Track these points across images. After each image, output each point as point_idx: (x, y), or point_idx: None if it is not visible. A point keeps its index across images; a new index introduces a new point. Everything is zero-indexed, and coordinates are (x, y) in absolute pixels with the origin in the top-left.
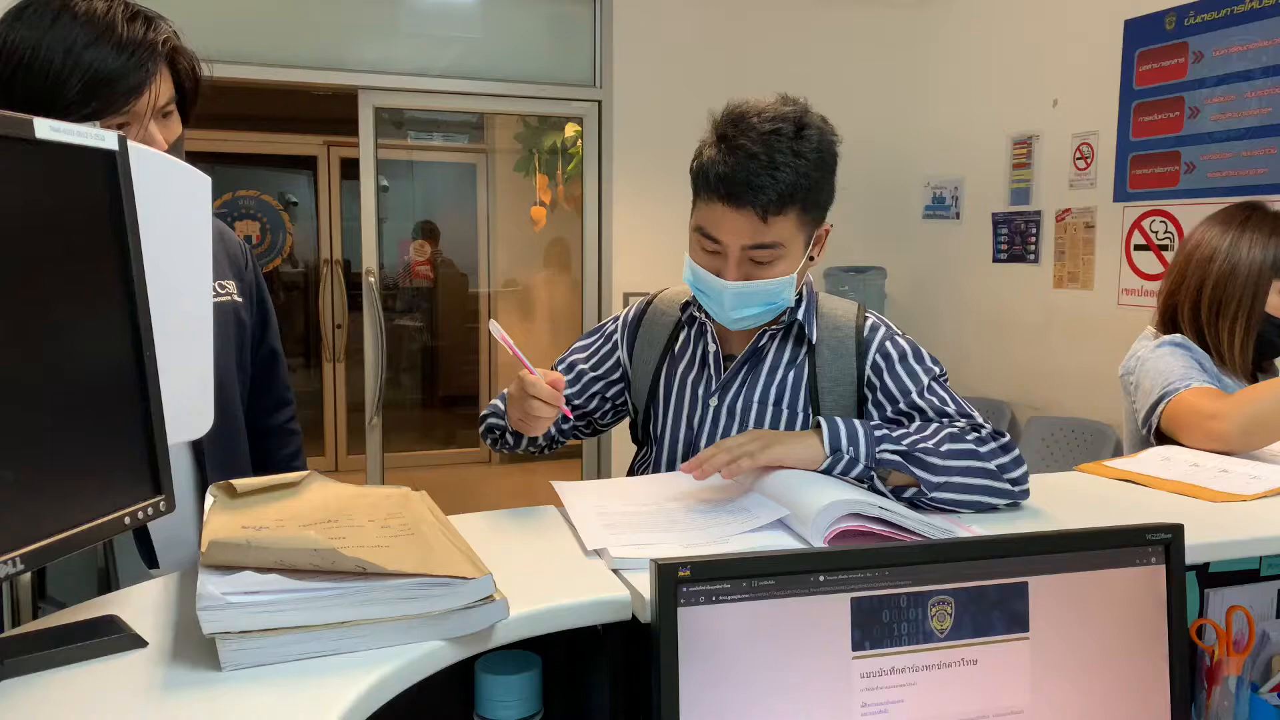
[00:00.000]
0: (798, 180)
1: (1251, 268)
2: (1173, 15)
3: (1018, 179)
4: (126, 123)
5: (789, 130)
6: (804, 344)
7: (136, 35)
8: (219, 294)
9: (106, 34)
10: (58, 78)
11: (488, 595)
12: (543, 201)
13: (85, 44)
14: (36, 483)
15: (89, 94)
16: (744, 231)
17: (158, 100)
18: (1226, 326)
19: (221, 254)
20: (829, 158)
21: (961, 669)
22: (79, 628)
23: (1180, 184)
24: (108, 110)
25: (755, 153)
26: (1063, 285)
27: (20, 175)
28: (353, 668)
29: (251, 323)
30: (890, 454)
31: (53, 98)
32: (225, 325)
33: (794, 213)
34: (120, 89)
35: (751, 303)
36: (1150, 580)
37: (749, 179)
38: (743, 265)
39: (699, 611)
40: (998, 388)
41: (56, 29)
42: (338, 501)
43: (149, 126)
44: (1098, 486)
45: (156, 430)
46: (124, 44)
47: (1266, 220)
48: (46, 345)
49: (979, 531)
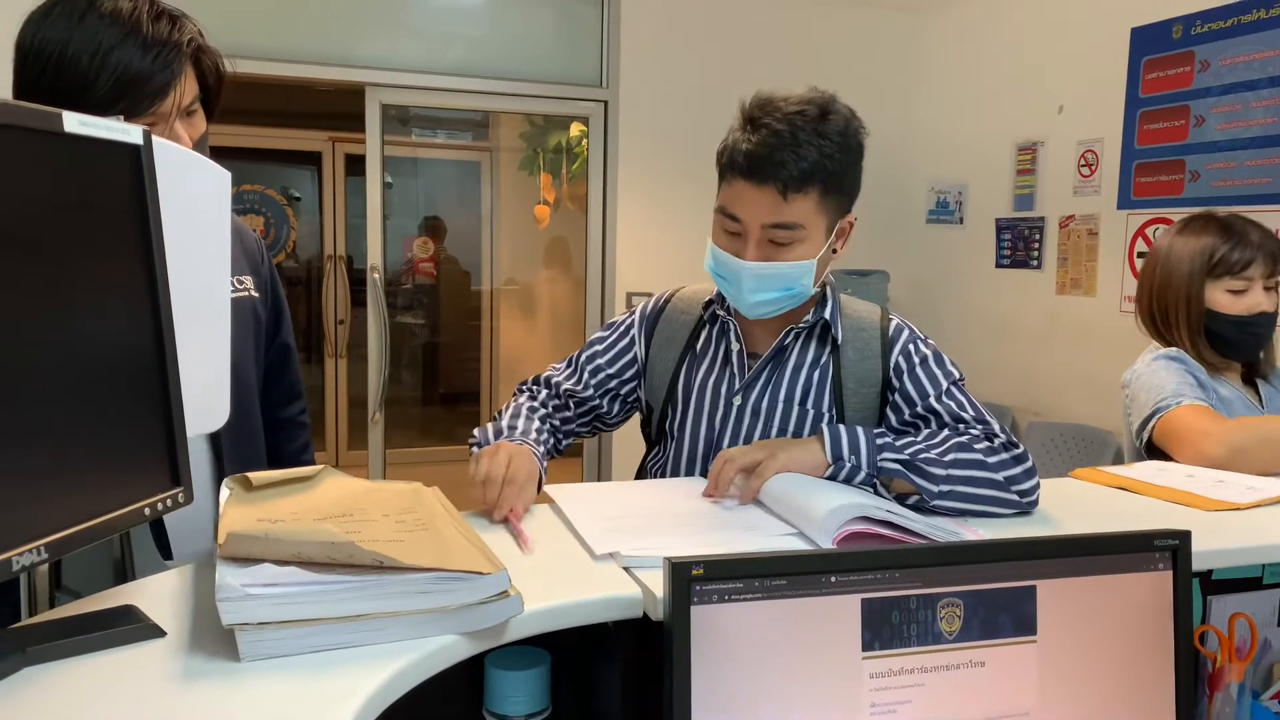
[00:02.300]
0: (820, 160)
1: (1181, 271)
2: (1180, 24)
3: (1022, 185)
4: (153, 122)
5: (814, 113)
6: (828, 344)
7: (162, 35)
8: (236, 289)
9: (133, 34)
10: (85, 78)
11: (502, 590)
12: (547, 200)
13: (112, 44)
14: (59, 473)
15: (117, 94)
16: (764, 209)
17: (183, 99)
18: (1175, 332)
19: (239, 250)
20: (854, 144)
21: (970, 671)
22: (99, 617)
23: (1184, 192)
24: (134, 110)
25: (779, 130)
26: (1065, 291)
27: (49, 168)
28: (369, 661)
29: (266, 318)
30: (892, 463)
31: (81, 97)
32: (243, 320)
33: (815, 193)
34: (147, 90)
35: (769, 286)
36: (1157, 586)
37: (771, 154)
38: (762, 246)
39: (711, 610)
40: (999, 392)
41: (84, 29)
42: (352, 496)
43: (174, 125)
44: (1096, 493)
45: (176, 422)
46: (150, 44)
47: (1200, 223)
48: (70, 336)
49: (984, 535)
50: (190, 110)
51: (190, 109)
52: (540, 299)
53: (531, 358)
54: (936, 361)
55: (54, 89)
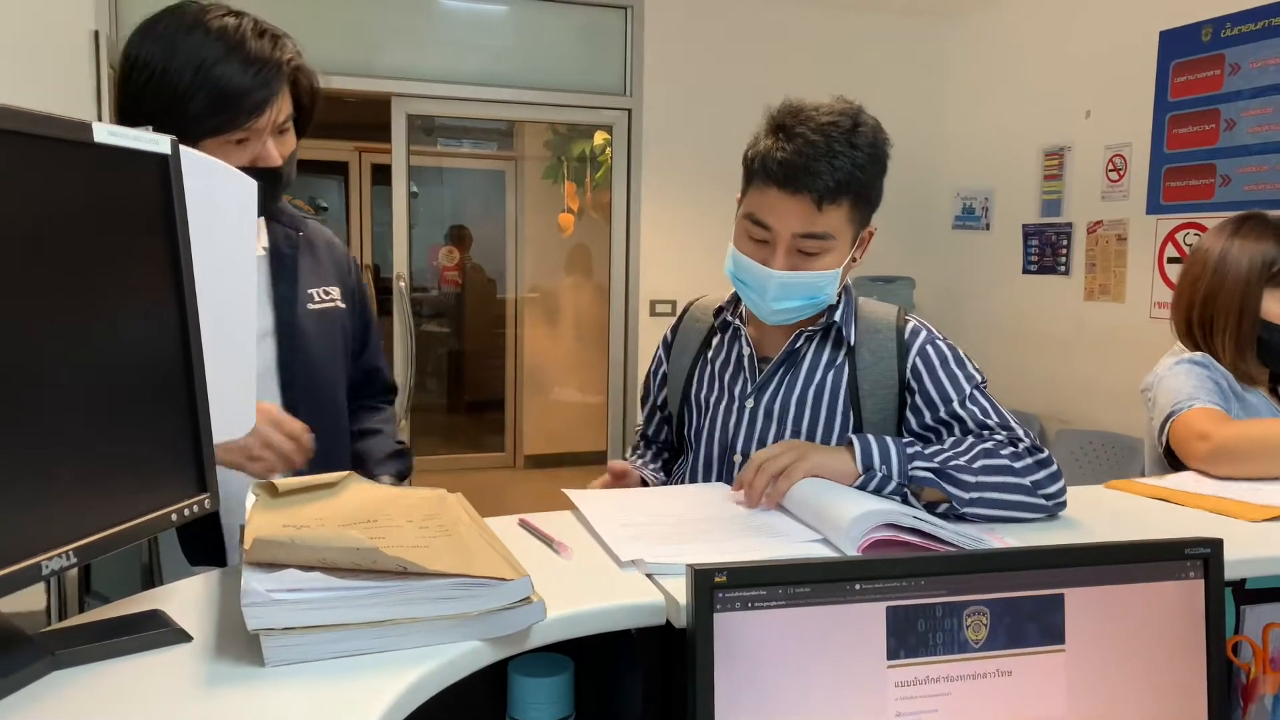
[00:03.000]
0: (853, 171)
1: (1237, 277)
2: (1209, 27)
3: (1049, 190)
4: (246, 138)
5: (846, 124)
6: (842, 346)
7: (264, 53)
8: (323, 300)
9: (236, 50)
10: (186, 93)
11: (526, 597)
12: (571, 209)
13: (215, 60)
14: (87, 479)
15: (214, 109)
16: (797, 218)
17: (277, 117)
18: (1219, 340)
19: (329, 261)
20: (881, 156)
21: (996, 680)
22: (126, 621)
23: (1216, 196)
24: (229, 126)
25: (814, 140)
26: (1093, 297)
27: (80, 177)
28: (393, 666)
29: (353, 328)
30: (923, 471)
31: (179, 111)
32: (330, 329)
33: (846, 204)
34: (245, 106)
35: (794, 294)
36: (1188, 595)
37: (807, 164)
38: (790, 255)
39: (735, 617)
40: (1026, 400)
41: (189, 44)
42: (375, 502)
43: (267, 142)
44: (1129, 501)
45: (203, 429)
46: (251, 61)
47: (1257, 227)
48: (99, 344)
49: (1011, 543)
50: (283, 128)
51: (283, 127)
52: (565, 307)
53: (556, 365)
54: (957, 363)
55: (154, 103)
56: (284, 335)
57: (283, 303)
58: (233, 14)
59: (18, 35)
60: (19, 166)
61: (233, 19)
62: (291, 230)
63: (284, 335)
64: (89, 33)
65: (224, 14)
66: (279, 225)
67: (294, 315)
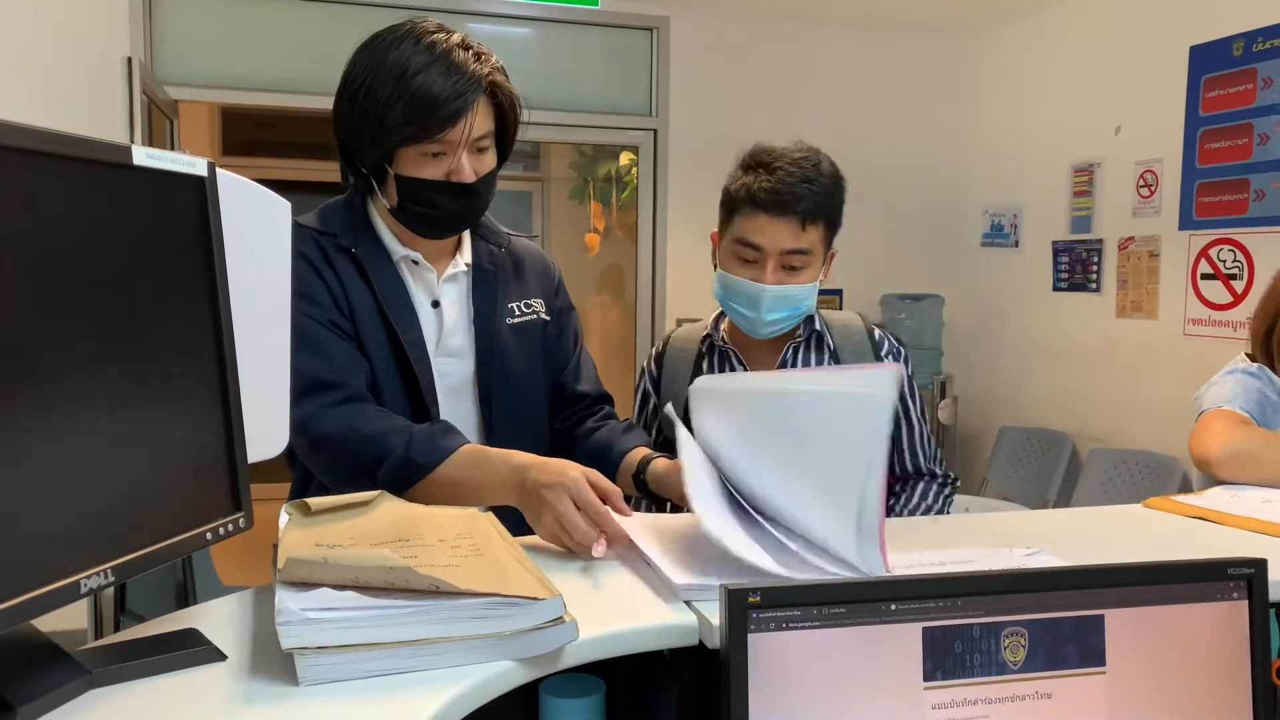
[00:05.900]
0: (826, 198)
1: None
2: (1240, 41)
3: (1079, 207)
4: (442, 150)
5: (814, 158)
6: (824, 351)
7: (464, 65)
8: (523, 314)
9: (440, 61)
10: (387, 101)
11: (558, 616)
12: (597, 228)
13: (418, 68)
14: (125, 498)
15: (411, 116)
16: (785, 237)
17: (473, 131)
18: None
19: (533, 274)
20: (843, 186)
21: (1035, 702)
22: (161, 640)
23: (1250, 211)
24: (423, 135)
25: (793, 170)
26: (1125, 315)
27: (119, 199)
28: (425, 685)
29: (550, 339)
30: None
31: (378, 119)
32: (531, 340)
33: (821, 225)
34: (439, 114)
35: (784, 305)
36: (1231, 616)
37: (792, 188)
38: (778, 271)
39: (769, 638)
40: (1058, 419)
41: (397, 55)
42: (407, 521)
43: (461, 156)
44: (1168, 521)
45: (238, 448)
46: (451, 71)
47: None
48: (136, 363)
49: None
50: (481, 146)
51: (481, 145)
52: (591, 326)
53: None
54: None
55: (360, 111)
56: (482, 350)
57: (481, 318)
58: (443, 30)
59: (52, 61)
60: (60, 189)
61: (442, 34)
62: (495, 247)
63: (482, 350)
64: (123, 59)
65: (435, 30)
66: (482, 241)
67: (492, 329)
